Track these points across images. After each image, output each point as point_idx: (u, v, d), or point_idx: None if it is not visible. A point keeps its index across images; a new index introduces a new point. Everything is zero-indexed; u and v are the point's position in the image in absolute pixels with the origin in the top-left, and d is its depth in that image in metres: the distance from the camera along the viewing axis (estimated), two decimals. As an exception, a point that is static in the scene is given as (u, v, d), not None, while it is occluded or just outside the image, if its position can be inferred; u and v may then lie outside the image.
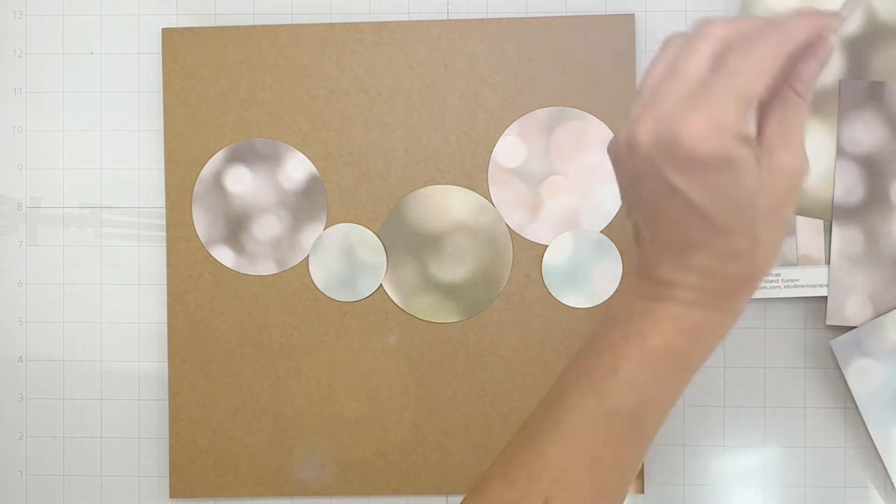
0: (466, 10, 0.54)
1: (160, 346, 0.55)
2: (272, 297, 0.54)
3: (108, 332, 0.55)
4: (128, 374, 0.55)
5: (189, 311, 0.54)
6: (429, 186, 0.54)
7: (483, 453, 0.54)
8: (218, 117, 0.54)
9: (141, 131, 0.55)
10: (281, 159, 0.54)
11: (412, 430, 0.54)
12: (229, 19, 0.55)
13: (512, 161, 0.53)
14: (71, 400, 0.55)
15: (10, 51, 0.56)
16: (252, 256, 0.54)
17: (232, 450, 0.54)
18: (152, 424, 0.55)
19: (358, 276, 0.54)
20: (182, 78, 0.54)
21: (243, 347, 0.54)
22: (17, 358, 0.56)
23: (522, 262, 0.53)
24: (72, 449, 0.55)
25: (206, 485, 0.54)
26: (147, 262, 0.55)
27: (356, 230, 0.54)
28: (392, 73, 0.54)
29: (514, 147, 0.53)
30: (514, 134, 0.53)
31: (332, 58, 0.54)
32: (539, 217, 0.53)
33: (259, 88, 0.54)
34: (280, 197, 0.54)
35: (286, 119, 0.54)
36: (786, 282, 0.51)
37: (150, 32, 0.55)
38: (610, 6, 0.54)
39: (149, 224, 0.55)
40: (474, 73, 0.53)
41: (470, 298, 0.53)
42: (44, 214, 0.55)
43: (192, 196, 0.54)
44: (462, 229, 0.53)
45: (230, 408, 0.54)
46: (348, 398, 0.54)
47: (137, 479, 0.55)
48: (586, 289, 0.53)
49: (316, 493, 0.54)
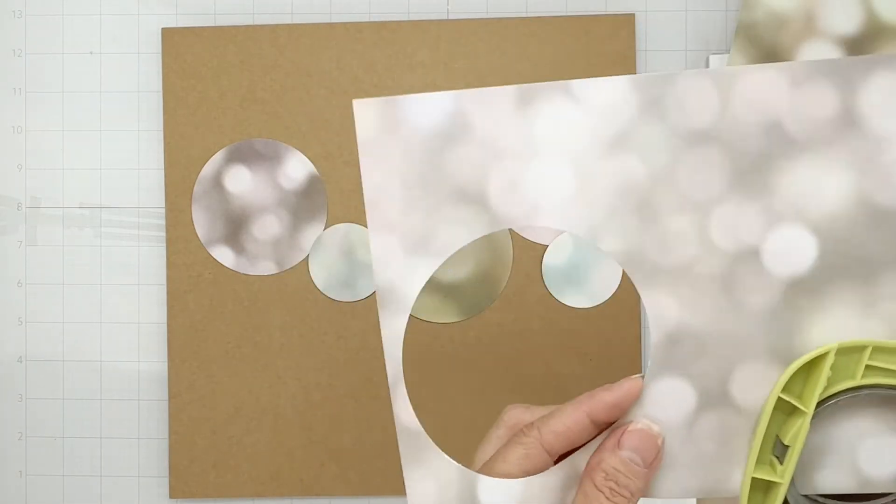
0: (466, 10, 0.54)
1: (160, 346, 0.55)
2: (272, 297, 0.54)
3: (107, 332, 0.55)
4: (128, 374, 0.55)
5: (189, 311, 0.54)
6: (429, 186, 0.54)
7: (483, 453, 0.54)
8: (218, 117, 0.54)
9: (141, 131, 0.55)
10: (281, 159, 0.54)
11: (412, 430, 0.54)
12: (229, 19, 0.55)
13: (512, 161, 0.53)
14: (71, 400, 0.55)
15: (10, 51, 0.56)
16: (252, 256, 0.54)
17: (232, 450, 0.54)
18: (152, 424, 0.55)
19: (358, 276, 0.54)
20: (182, 78, 0.54)
21: (243, 347, 0.54)
22: (17, 358, 0.56)
23: (522, 262, 0.53)
24: (72, 449, 0.55)
25: (206, 485, 0.54)
26: (147, 262, 0.55)
27: (356, 230, 0.54)
28: (392, 73, 0.54)
29: (514, 147, 0.53)
30: (514, 134, 0.53)
31: (332, 58, 0.54)
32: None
33: (259, 88, 0.54)
34: (280, 197, 0.54)
35: (286, 119, 0.54)
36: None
37: (149, 32, 0.55)
38: (610, 6, 0.54)
39: (149, 224, 0.55)
40: (474, 73, 0.53)
41: (470, 298, 0.53)
42: (43, 214, 0.55)
43: (191, 196, 0.54)
44: (462, 229, 0.53)
45: (230, 408, 0.54)
46: (348, 398, 0.54)
47: (137, 479, 0.55)
48: (586, 289, 0.53)
49: (316, 493, 0.54)
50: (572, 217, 0.32)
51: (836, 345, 0.31)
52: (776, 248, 0.31)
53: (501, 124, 0.31)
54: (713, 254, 0.32)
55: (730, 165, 0.31)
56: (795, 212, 0.31)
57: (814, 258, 0.31)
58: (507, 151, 0.32)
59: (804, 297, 0.31)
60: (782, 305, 0.32)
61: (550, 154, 0.32)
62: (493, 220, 0.32)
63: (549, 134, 0.31)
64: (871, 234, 0.31)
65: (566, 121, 0.31)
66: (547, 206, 0.32)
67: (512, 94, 0.31)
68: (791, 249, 0.31)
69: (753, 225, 0.32)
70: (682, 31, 0.54)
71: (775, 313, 0.32)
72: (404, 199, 0.32)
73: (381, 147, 0.32)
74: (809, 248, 0.31)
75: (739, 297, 0.32)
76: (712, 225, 0.32)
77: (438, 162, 0.32)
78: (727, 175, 0.31)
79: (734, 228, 0.32)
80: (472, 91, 0.31)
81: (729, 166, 0.31)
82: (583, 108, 0.31)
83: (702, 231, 0.32)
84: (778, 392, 0.31)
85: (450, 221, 0.32)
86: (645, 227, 0.32)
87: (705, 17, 0.54)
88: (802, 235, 0.31)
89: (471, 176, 0.32)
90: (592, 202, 0.32)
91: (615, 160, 0.32)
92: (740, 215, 0.31)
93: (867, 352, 0.31)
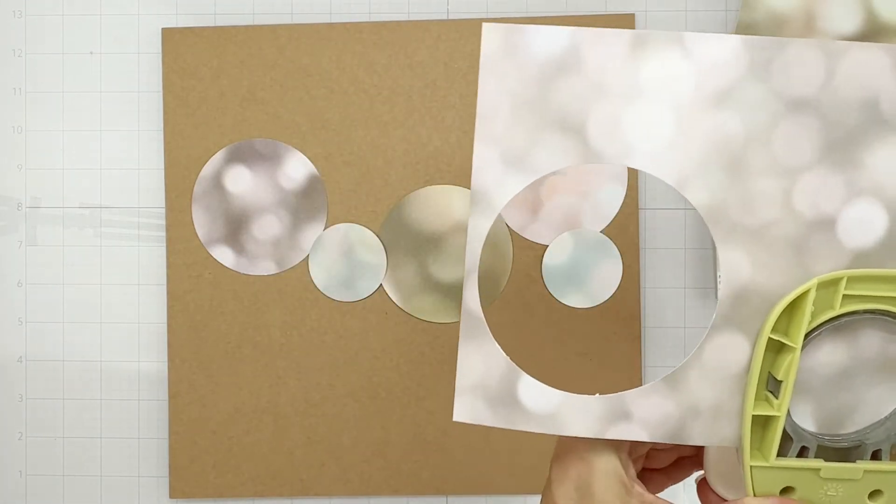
0: (466, 10, 0.54)
1: (160, 346, 0.55)
2: (272, 297, 0.54)
3: (108, 332, 0.55)
4: (128, 374, 0.55)
5: (189, 311, 0.54)
6: (429, 186, 0.54)
7: (483, 453, 0.54)
8: (218, 117, 0.54)
9: (141, 131, 0.55)
10: (281, 159, 0.54)
11: (412, 430, 0.54)
12: (229, 19, 0.55)
13: (512, 161, 0.53)
14: (71, 400, 0.55)
15: (10, 51, 0.56)
16: (252, 256, 0.54)
17: (232, 450, 0.54)
18: (152, 424, 0.55)
19: (358, 276, 0.54)
20: (182, 78, 0.54)
21: (243, 347, 0.54)
22: (17, 358, 0.56)
23: (522, 262, 0.53)
24: (72, 449, 0.55)
25: (206, 485, 0.54)
26: (147, 262, 0.55)
27: (356, 230, 0.54)
28: (392, 73, 0.54)
29: (514, 147, 0.53)
30: (514, 134, 0.53)
31: (332, 58, 0.54)
32: (539, 217, 0.53)
33: (259, 88, 0.54)
34: (280, 197, 0.54)
35: (286, 119, 0.54)
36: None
37: (149, 32, 0.55)
38: (610, 6, 0.54)
39: (149, 224, 0.55)
40: (474, 73, 0.53)
41: (470, 298, 0.53)
42: (43, 214, 0.55)
43: (191, 196, 0.54)
44: (462, 229, 0.53)
45: (230, 408, 0.54)
46: (348, 398, 0.54)
47: (137, 479, 0.55)
48: (586, 289, 0.53)
49: (316, 493, 0.54)
50: (665, 163, 0.33)
51: (815, 281, 0.32)
52: (851, 221, 0.33)
53: (611, 64, 0.33)
54: (792, 219, 0.33)
55: (823, 136, 0.32)
56: (875, 188, 0.33)
57: (882, 235, 0.33)
58: (613, 90, 0.33)
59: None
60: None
61: (653, 100, 0.33)
62: (587, 153, 0.33)
63: (655, 80, 0.33)
64: None
65: (674, 70, 0.32)
66: (642, 148, 0.33)
67: (626, 38, 0.32)
68: (864, 223, 0.33)
69: (835, 196, 0.33)
70: (682, 31, 0.54)
71: None
72: (511, 118, 0.33)
73: (500, 67, 0.33)
74: (880, 224, 0.33)
75: (808, 263, 0.33)
76: (797, 191, 0.33)
77: (547, 89, 0.33)
78: (819, 145, 0.32)
79: (816, 197, 0.33)
80: (590, 29, 0.33)
81: (822, 136, 0.32)
82: (692, 61, 0.32)
83: (786, 195, 0.33)
84: (767, 333, 0.33)
85: (547, 146, 0.33)
86: (732, 183, 0.33)
87: (705, 17, 0.54)
88: (877, 212, 0.33)
89: (574, 108, 0.33)
90: (686, 152, 0.33)
91: (715, 115, 0.33)
92: (824, 185, 0.33)
93: (843, 283, 0.32)
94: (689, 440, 0.34)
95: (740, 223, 0.33)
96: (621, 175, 0.53)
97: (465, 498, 0.54)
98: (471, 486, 0.54)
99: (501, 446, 0.54)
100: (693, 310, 0.54)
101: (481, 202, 0.34)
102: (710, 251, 0.54)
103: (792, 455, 0.33)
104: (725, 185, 0.33)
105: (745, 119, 0.33)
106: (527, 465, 0.54)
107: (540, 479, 0.53)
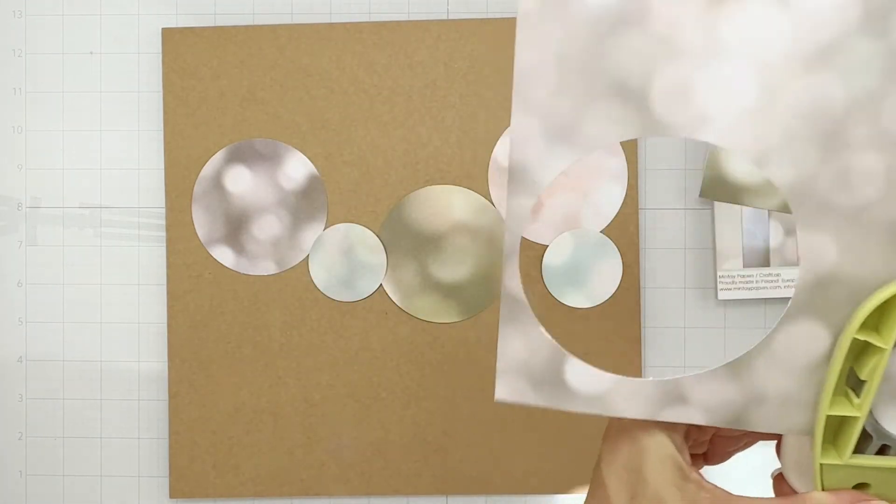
0: (466, 10, 0.54)
1: (160, 346, 0.55)
2: (272, 297, 0.54)
3: (108, 332, 0.55)
4: (128, 374, 0.55)
5: (189, 311, 0.54)
6: (429, 186, 0.54)
7: (483, 453, 0.54)
8: (218, 117, 0.54)
9: (141, 131, 0.55)
10: (281, 159, 0.54)
11: (412, 430, 0.54)
12: (229, 19, 0.55)
13: (512, 161, 0.53)
14: (71, 400, 0.55)
15: (10, 51, 0.56)
16: (252, 256, 0.54)
17: (232, 450, 0.54)
18: (152, 424, 0.55)
19: (358, 276, 0.54)
20: (182, 78, 0.54)
21: (243, 347, 0.54)
22: (17, 358, 0.56)
23: (522, 262, 0.53)
24: (72, 449, 0.55)
25: (206, 485, 0.54)
26: (147, 262, 0.55)
27: (356, 230, 0.54)
28: (392, 73, 0.54)
29: (514, 147, 0.53)
30: (514, 134, 0.53)
31: (332, 58, 0.54)
32: (539, 217, 0.53)
33: (259, 88, 0.54)
34: (280, 197, 0.54)
35: (286, 119, 0.54)
36: (786, 281, 0.51)
37: (149, 32, 0.55)
38: None
39: (149, 224, 0.55)
40: (474, 73, 0.53)
41: (470, 298, 0.53)
42: (43, 214, 0.55)
43: (191, 196, 0.54)
44: (462, 229, 0.53)
45: (230, 408, 0.54)
46: (348, 398, 0.54)
47: (137, 479, 0.55)
48: (586, 289, 0.53)
49: (316, 493, 0.54)
50: (744, 135, 0.28)
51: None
52: None
53: (686, 17, 0.28)
54: (894, 200, 0.28)
55: None
56: None
57: None
58: (685, 49, 0.28)
59: None
60: None
61: (735, 59, 0.28)
62: (650, 123, 0.28)
63: (739, 36, 0.27)
64: None
65: (766, 23, 0.27)
66: (717, 118, 0.28)
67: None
68: None
69: None
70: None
71: None
72: (556, 83, 0.28)
73: (543, 22, 0.28)
74: None
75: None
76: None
77: (603, 48, 0.28)
78: None
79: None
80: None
81: None
82: (791, 12, 0.27)
83: (890, 173, 0.28)
84: (854, 331, 0.29)
85: (601, 115, 0.28)
86: (826, 158, 0.28)
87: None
88: None
89: (636, 69, 0.28)
90: (772, 122, 0.28)
91: (812, 77, 0.28)
92: None
93: None
94: (751, 426, 0.31)
95: (832, 203, 0.28)
96: (621, 175, 0.53)
97: (465, 498, 0.54)
98: (471, 486, 0.54)
99: (501, 446, 0.54)
100: (693, 310, 0.54)
101: (522, 180, 0.29)
102: (711, 251, 0.54)
103: (870, 453, 0.30)
104: (816, 159, 0.28)
105: (849, 82, 0.27)
106: (527, 465, 0.54)
107: (540, 480, 0.53)
